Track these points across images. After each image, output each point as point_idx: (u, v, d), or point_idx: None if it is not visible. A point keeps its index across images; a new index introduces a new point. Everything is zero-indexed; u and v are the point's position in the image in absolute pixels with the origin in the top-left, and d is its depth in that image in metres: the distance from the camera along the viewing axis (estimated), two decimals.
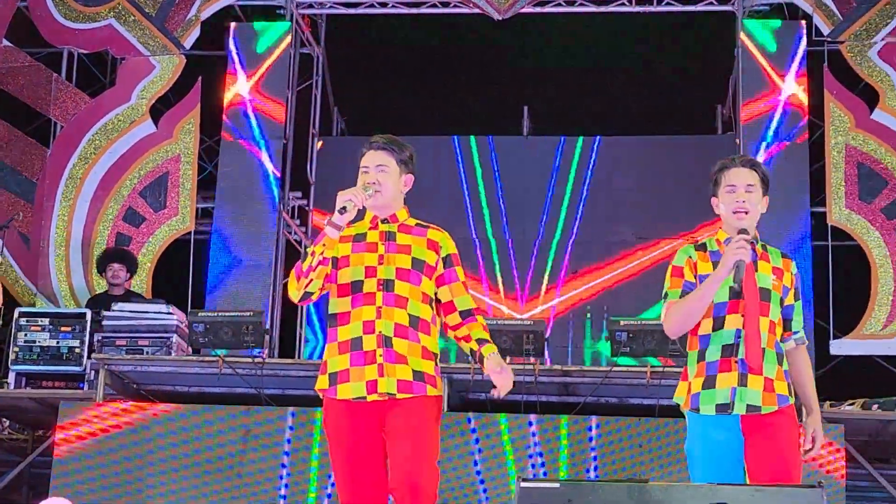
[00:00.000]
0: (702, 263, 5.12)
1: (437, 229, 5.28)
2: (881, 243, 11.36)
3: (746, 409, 4.94)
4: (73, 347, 9.27)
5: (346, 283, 5.08)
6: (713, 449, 4.97)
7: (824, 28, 11.94)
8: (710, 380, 5.00)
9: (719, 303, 5.03)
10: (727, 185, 5.12)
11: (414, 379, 5.01)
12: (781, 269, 5.13)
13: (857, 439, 8.52)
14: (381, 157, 5.21)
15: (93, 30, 12.74)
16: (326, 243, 4.99)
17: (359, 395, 4.98)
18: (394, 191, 5.21)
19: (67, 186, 12.29)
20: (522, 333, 8.54)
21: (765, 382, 4.97)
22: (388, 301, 5.03)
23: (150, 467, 8.18)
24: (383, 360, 4.98)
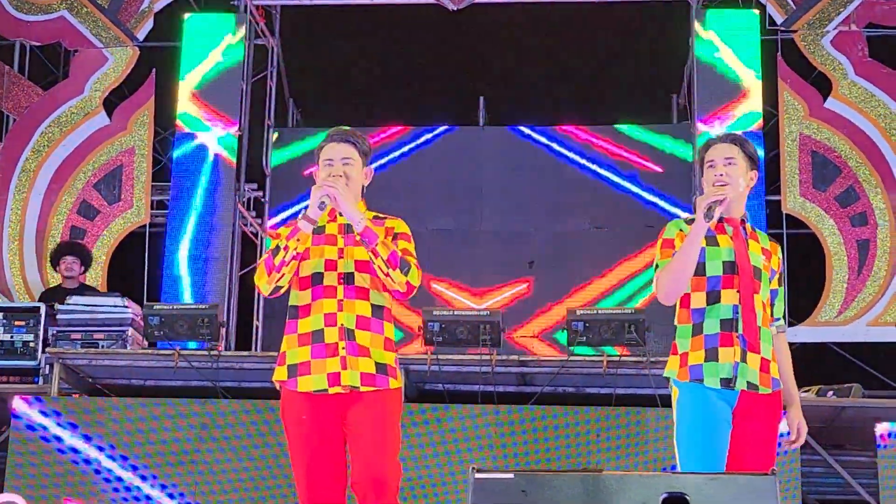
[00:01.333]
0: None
1: (393, 218, 5.25)
2: (835, 231, 11.44)
3: (748, 385, 4.95)
4: (28, 341, 9.20)
5: (307, 276, 5.05)
6: (714, 420, 4.95)
7: (778, 17, 12.01)
8: (713, 352, 4.97)
9: (713, 276, 5.02)
10: (707, 162, 5.16)
11: (377, 372, 5.00)
12: (770, 251, 5.15)
13: (812, 426, 8.47)
14: (345, 149, 5.18)
15: (45, 22, 12.66)
16: (300, 238, 4.96)
17: (320, 388, 4.95)
18: (358, 182, 5.19)
19: (20, 179, 12.21)
20: (479, 324, 8.54)
21: (761, 362, 4.99)
22: (349, 294, 5.02)
23: (105, 461, 8.14)
24: (346, 352, 4.96)
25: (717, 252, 5.04)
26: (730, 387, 4.95)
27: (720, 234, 5.09)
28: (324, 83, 13.77)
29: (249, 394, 8.58)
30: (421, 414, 8.11)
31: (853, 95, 11.70)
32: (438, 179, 13.01)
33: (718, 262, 5.03)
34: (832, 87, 11.75)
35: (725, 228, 5.10)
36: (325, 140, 5.26)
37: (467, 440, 8.01)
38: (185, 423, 8.18)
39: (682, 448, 5.00)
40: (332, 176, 5.07)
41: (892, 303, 11.17)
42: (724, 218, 5.11)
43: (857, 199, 11.50)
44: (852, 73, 11.74)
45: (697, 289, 5.05)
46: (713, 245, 5.06)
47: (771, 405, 5.04)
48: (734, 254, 5.04)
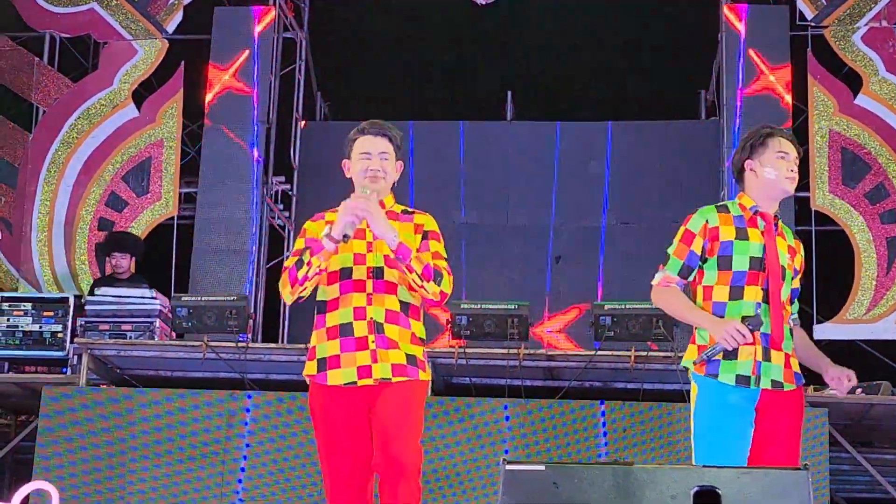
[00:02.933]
0: (724, 228, 5.06)
1: (422, 213, 5.24)
2: (864, 228, 11.38)
3: (771, 384, 4.93)
4: (56, 332, 9.24)
5: (335, 271, 5.05)
6: (730, 416, 4.92)
7: (808, 13, 11.96)
8: (733, 351, 4.93)
9: (738, 271, 4.99)
10: (779, 151, 5.12)
11: (408, 363, 5.02)
12: (795, 249, 5.13)
13: (840, 423, 8.54)
14: (382, 143, 5.18)
15: (75, 14, 12.70)
16: (324, 256, 4.95)
17: (350, 381, 4.98)
18: (393, 177, 5.22)
19: (50, 171, 12.26)
20: (506, 318, 8.53)
21: (785, 358, 4.98)
22: (378, 288, 5.02)
23: (133, 452, 8.16)
24: (376, 346, 4.98)
25: (746, 246, 5.01)
26: (747, 385, 4.92)
27: (751, 227, 5.06)
28: (351, 77, 13.78)
29: (277, 385, 8.59)
30: (448, 407, 8.10)
31: (883, 92, 11.64)
32: (465, 174, 13.00)
33: (746, 257, 5.00)
34: (862, 84, 11.69)
35: (758, 222, 5.07)
36: (359, 132, 5.23)
37: (494, 433, 8.00)
38: (212, 415, 8.19)
39: (699, 447, 4.98)
40: (368, 175, 5.10)
41: None
42: (759, 211, 5.09)
43: (887, 196, 11.44)
44: (883, 69, 11.69)
45: (721, 282, 5.01)
46: (742, 238, 5.03)
47: (793, 402, 5.02)
48: (763, 250, 5.01)
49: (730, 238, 5.02)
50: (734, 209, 5.13)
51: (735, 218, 5.09)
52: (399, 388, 4.99)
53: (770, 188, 5.11)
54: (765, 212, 5.10)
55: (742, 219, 5.08)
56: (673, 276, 5.10)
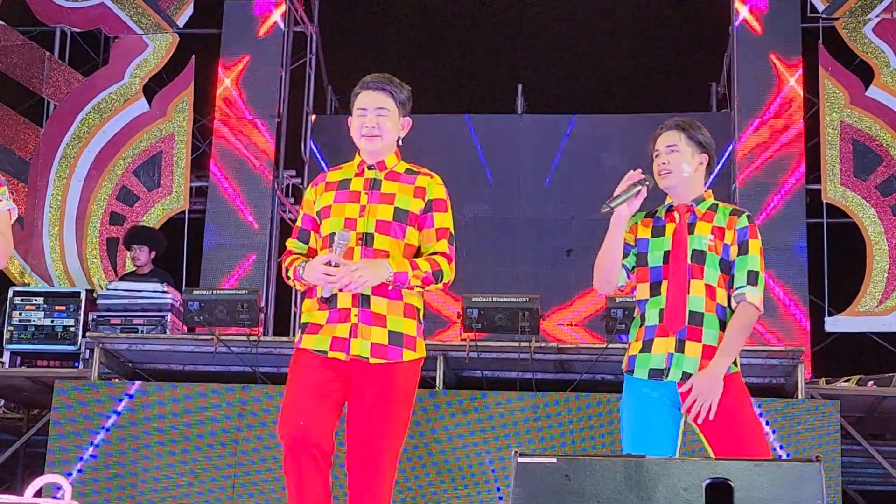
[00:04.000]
0: (642, 228, 5.16)
1: (427, 174, 5.04)
2: (876, 220, 11.37)
3: (682, 376, 4.90)
4: (68, 326, 9.27)
5: (327, 236, 4.87)
6: (641, 411, 4.94)
7: (819, 4, 11.94)
8: (648, 344, 4.98)
9: (654, 267, 5.04)
10: (653, 152, 5.20)
11: (390, 342, 4.79)
12: (724, 227, 5.04)
13: (852, 416, 8.53)
14: (380, 98, 4.98)
15: (86, 8, 12.72)
16: (304, 286, 4.89)
17: (319, 349, 4.80)
18: (392, 135, 5.00)
19: (61, 166, 12.28)
20: (518, 311, 8.53)
21: (703, 350, 4.91)
22: (367, 256, 4.79)
23: (144, 445, 8.17)
24: (358, 319, 4.76)
25: (661, 242, 5.06)
26: (660, 377, 4.92)
27: (669, 222, 5.10)
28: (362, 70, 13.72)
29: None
30: (460, 400, 8.11)
31: (895, 84, 11.61)
32: (476, 167, 13.00)
33: (660, 252, 5.05)
34: (874, 75, 11.68)
35: (674, 217, 5.11)
36: (360, 86, 5.03)
37: (505, 427, 8.00)
38: (224, 408, 8.20)
39: (623, 439, 5.01)
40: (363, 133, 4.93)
41: None
42: (674, 206, 5.12)
43: None
44: (894, 61, 11.66)
45: (642, 280, 5.08)
46: (659, 235, 5.09)
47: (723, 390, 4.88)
48: (671, 242, 5.04)
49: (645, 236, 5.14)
50: (659, 211, 5.20)
51: (655, 219, 5.18)
52: (381, 374, 4.76)
53: (673, 189, 5.16)
54: (679, 204, 5.13)
55: (660, 219, 5.16)
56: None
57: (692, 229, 5.04)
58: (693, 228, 5.04)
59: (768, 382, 8.60)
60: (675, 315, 4.94)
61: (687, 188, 5.12)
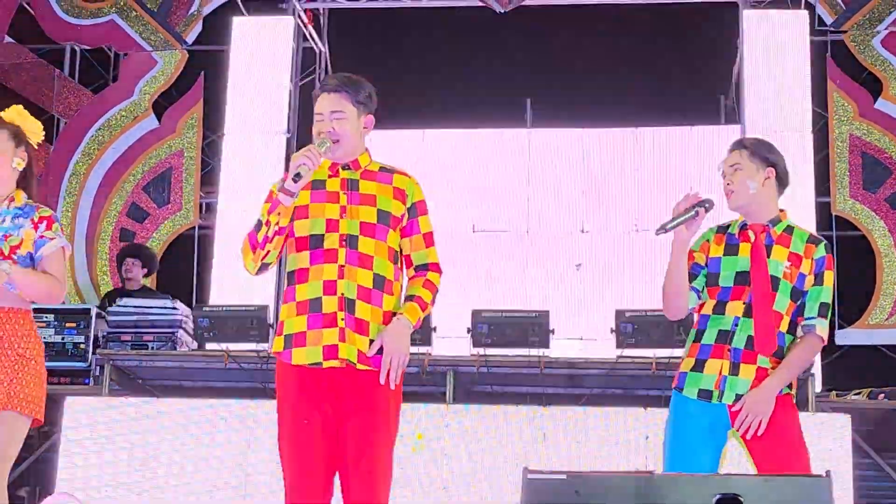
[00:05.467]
0: (714, 246, 5.06)
1: (402, 173, 4.89)
2: (886, 233, 11.36)
3: (734, 398, 4.87)
4: (78, 343, 9.27)
5: (304, 237, 4.71)
6: (688, 430, 4.92)
7: (827, 17, 11.94)
8: (700, 363, 4.94)
9: (725, 287, 4.96)
10: (721, 172, 5.13)
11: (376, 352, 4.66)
12: (801, 255, 4.98)
13: (863, 429, 8.52)
14: (336, 101, 4.77)
15: (95, 25, 12.75)
16: (281, 212, 4.64)
17: (314, 361, 4.62)
18: (354, 138, 4.80)
19: (71, 183, 12.31)
20: (528, 325, 8.54)
21: (757, 371, 4.88)
22: (351, 259, 4.65)
23: (155, 462, 8.18)
24: (345, 324, 4.62)
25: (734, 262, 4.98)
26: (709, 399, 4.90)
27: (744, 241, 5.02)
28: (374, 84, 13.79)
29: None
30: (469, 414, 8.11)
31: None
32: (485, 181, 13.00)
33: (731, 272, 4.97)
34: (882, 88, 11.67)
35: (749, 235, 5.03)
36: (318, 88, 4.86)
37: (515, 441, 8.00)
38: (235, 424, 8.21)
39: (664, 458, 4.99)
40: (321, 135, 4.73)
41: None
42: (749, 224, 5.05)
43: None
44: None
45: (711, 296, 5.01)
46: (732, 254, 5.01)
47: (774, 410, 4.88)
48: (749, 262, 4.97)
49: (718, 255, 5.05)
50: (732, 227, 5.12)
51: (728, 235, 5.09)
52: (368, 385, 4.63)
53: (756, 208, 5.06)
54: (753, 223, 5.05)
55: (733, 236, 5.07)
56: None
57: (769, 252, 4.97)
58: (770, 251, 4.98)
59: None
60: (765, 341, 4.88)
61: (759, 206, 5.04)
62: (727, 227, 5.12)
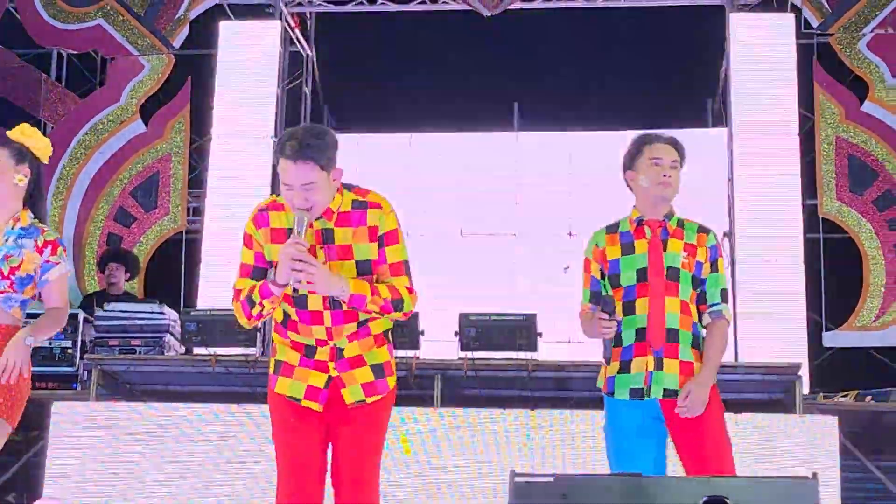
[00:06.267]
0: (610, 249, 5.18)
1: (375, 205, 4.67)
2: (872, 235, 11.38)
3: (663, 393, 4.97)
4: (66, 348, 9.24)
5: (288, 296, 4.67)
6: (626, 432, 5.00)
7: (813, 20, 11.97)
8: (626, 365, 5.03)
9: (628, 286, 5.07)
10: (651, 158, 5.18)
11: (376, 377, 4.72)
12: (695, 244, 5.10)
13: (851, 431, 8.53)
14: (304, 171, 4.47)
15: (81, 30, 12.74)
16: (273, 300, 4.60)
17: (294, 397, 4.70)
18: (327, 199, 4.57)
19: (58, 187, 12.29)
20: (515, 328, 8.54)
21: (681, 366, 4.98)
22: (336, 320, 4.65)
23: (143, 467, 8.16)
24: (337, 371, 4.68)
25: (632, 260, 5.09)
26: (641, 397, 4.98)
27: (639, 238, 5.13)
28: (358, 89, 13.80)
29: None
30: (457, 418, 8.10)
31: (890, 98, 11.64)
32: (473, 184, 13.00)
33: (632, 271, 5.07)
34: (868, 91, 11.70)
35: (645, 232, 5.14)
36: (280, 153, 4.53)
37: (504, 444, 8.00)
38: (223, 428, 8.19)
39: (609, 459, 5.09)
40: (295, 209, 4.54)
41: None
42: (645, 221, 5.15)
43: (895, 203, 11.44)
44: (889, 75, 11.69)
45: (616, 298, 5.08)
46: (629, 253, 5.12)
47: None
48: (647, 259, 5.06)
49: (616, 257, 5.13)
50: (623, 225, 5.22)
51: (622, 234, 5.18)
52: (368, 415, 4.70)
53: (646, 196, 5.18)
54: (650, 219, 5.15)
55: (628, 234, 5.16)
56: (586, 304, 5.24)
57: (665, 246, 5.09)
58: (666, 245, 5.09)
59: (767, 398, 8.62)
60: (656, 333, 4.99)
61: (667, 204, 5.17)
62: (616, 226, 5.25)
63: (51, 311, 5.33)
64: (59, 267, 5.30)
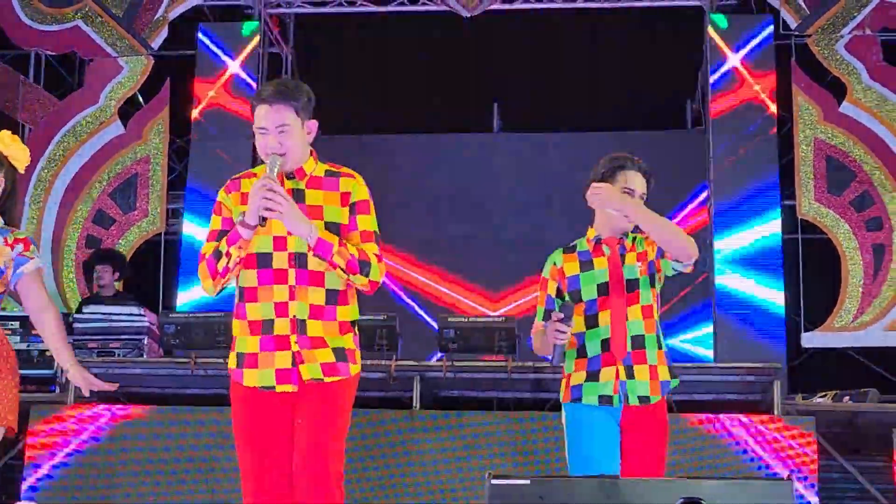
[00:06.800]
0: (568, 265, 5.26)
1: (349, 174, 4.68)
2: (850, 236, 11.41)
3: (639, 400, 5.04)
4: (44, 351, 9.21)
5: (253, 255, 4.54)
6: (597, 433, 5.03)
7: (791, 22, 11.99)
8: (594, 374, 5.07)
9: (590, 300, 5.14)
10: (625, 188, 5.21)
11: (337, 360, 4.57)
12: (644, 250, 5.19)
13: (828, 431, 8.55)
14: (279, 114, 4.53)
15: (60, 31, 12.70)
16: (242, 245, 4.48)
17: (267, 385, 4.55)
18: (300, 148, 4.58)
19: (36, 189, 12.25)
20: (495, 330, 8.54)
21: (650, 371, 5.06)
22: (301, 279, 4.52)
23: (121, 470, 8.15)
24: (299, 346, 4.52)
25: (592, 276, 5.17)
26: (610, 404, 5.03)
27: (597, 256, 5.22)
28: (337, 90, 13.77)
29: None
30: (437, 420, 8.11)
31: (868, 100, 11.67)
32: (453, 186, 13.01)
33: (593, 285, 5.15)
34: (846, 92, 11.73)
35: (603, 250, 5.22)
36: (256, 99, 4.61)
37: (483, 447, 8.00)
38: (202, 431, 8.18)
39: (572, 462, 5.09)
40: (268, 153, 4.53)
41: None
42: (603, 240, 5.23)
43: (873, 204, 11.47)
44: (867, 77, 11.72)
45: (577, 314, 5.14)
46: (588, 270, 5.20)
47: (658, 415, 5.12)
48: (607, 273, 5.14)
49: (574, 272, 5.21)
50: (581, 245, 5.31)
51: (580, 253, 5.27)
52: (325, 394, 4.55)
53: (609, 220, 5.23)
54: (609, 237, 5.23)
55: (587, 253, 5.25)
56: (539, 322, 5.28)
57: (623, 260, 5.17)
58: (624, 259, 5.17)
59: (745, 398, 8.63)
60: (619, 344, 5.05)
61: (626, 222, 5.21)
62: (573, 247, 5.34)
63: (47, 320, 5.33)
64: (35, 261, 5.27)
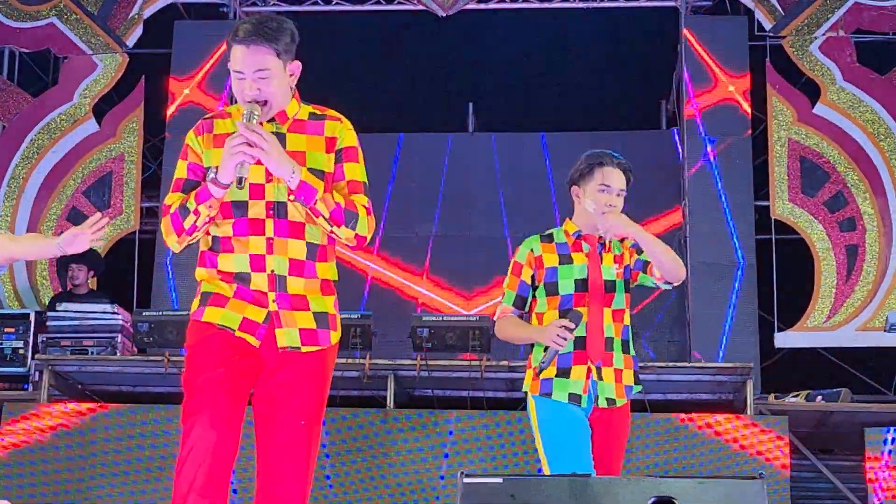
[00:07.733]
0: (547, 256, 5.22)
1: (334, 118, 4.30)
2: (824, 237, 11.45)
3: (607, 402, 5.08)
4: (17, 348, 9.20)
5: (227, 203, 4.12)
6: (573, 423, 5.04)
7: (766, 23, 12.03)
8: (565, 371, 5.07)
9: (566, 295, 5.13)
10: (601, 184, 5.21)
11: (318, 325, 4.16)
12: (621, 253, 5.21)
13: (801, 431, 8.60)
14: (258, 57, 4.09)
15: (34, 28, 12.64)
16: (212, 205, 4.07)
17: (226, 325, 4.11)
18: (282, 93, 4.18)
19: (10, 187, 12.20)
20: (468, 329, 8.56)
21: (615, 374, 5.09)
22: (280, 230, 4.11)
23: (95, 468, 8.14)
24: (277, 306, 4.11)
25: (570, 270, 5.15)
26: (578, 403, 5.05)
27: (576, 251, 5.21)
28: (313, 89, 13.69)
29: None
30: (410, 419, 8.11)
31: (841, 101, 11.72)
32: (428, 185, 13.00)
33: (571, 280, 5.14)
34: (820, 93, 11.77)
35: (582, 246, 5.22)
36: (232, 37, 4.15)
37: (456, 445, 8.01)
38: (174, 429, 8.16)
39: (550, 455, 5.08)
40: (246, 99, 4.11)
41: (880, 308, 11.18)
42: (583, 235, 5.23)
43: (846, 205, 11.52)
44: (840, 78, 11.77)
45: (551, 306, 5.15)
46: (567, 263, 5.18)
47: (622, 418, 5.18)
48: (587, 270, 5.14)
49: (553, 265, 5.18)
50: (559, 237, 5.28)
51: (559, 245, 5.24)
52: (306, 367, 4.13)
53: (589, 218, 5.22)
54: (588, 234, 5.24)
55: (565, 245, 5.24)
56: (508, 307, 5.26)
57: (601, 259, 5.18)
58: (602, 259, 5.18)
59: (717, 398, 8.67)
60: (596, 343, 5.07)
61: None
62: (550, 236, 5.30)
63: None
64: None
